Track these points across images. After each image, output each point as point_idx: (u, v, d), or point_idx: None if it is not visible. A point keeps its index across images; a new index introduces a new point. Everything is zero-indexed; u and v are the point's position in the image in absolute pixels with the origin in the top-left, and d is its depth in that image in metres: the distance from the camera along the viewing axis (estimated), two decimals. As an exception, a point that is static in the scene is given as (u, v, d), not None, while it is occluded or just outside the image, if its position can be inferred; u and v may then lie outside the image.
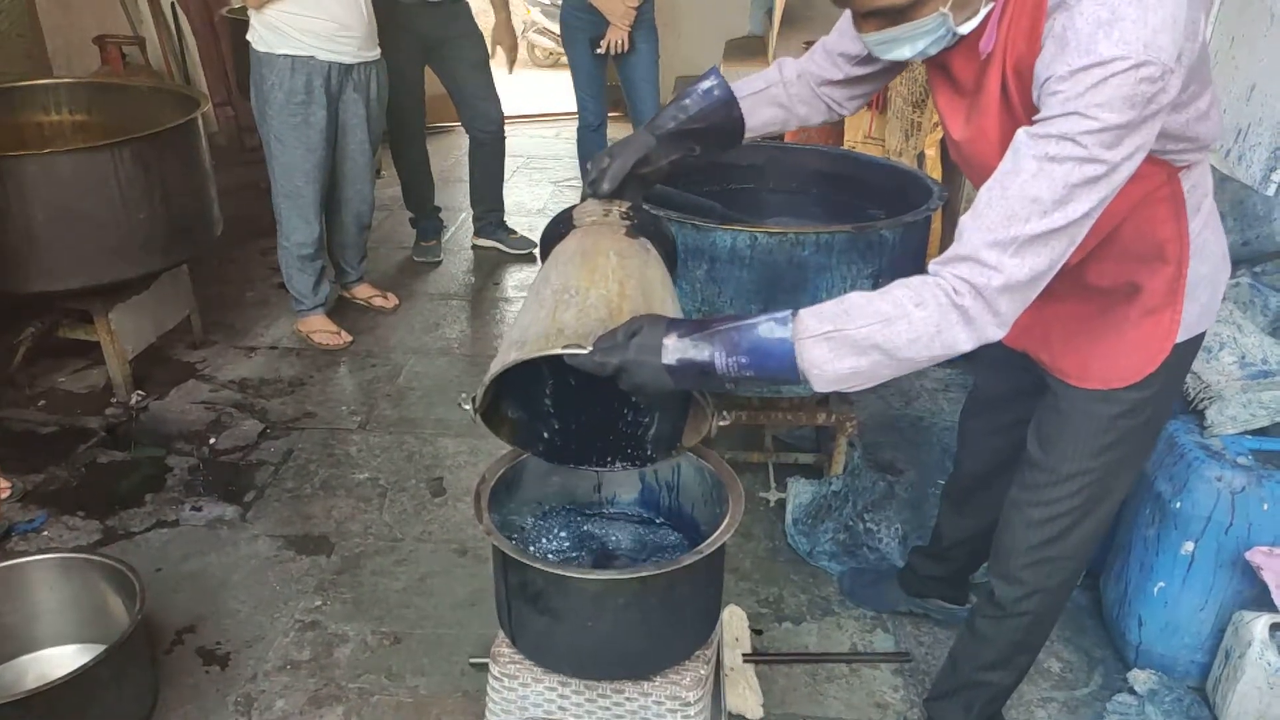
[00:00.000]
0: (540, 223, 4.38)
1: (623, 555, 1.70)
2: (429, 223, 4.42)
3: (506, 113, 4.18)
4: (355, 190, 3.56)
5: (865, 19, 1.26)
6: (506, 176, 4.45)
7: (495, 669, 1.56)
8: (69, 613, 2.11)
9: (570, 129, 5.16)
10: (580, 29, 4.05)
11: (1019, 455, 1.69)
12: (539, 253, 1.64)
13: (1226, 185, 2.33)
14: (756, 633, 2.21)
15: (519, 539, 1.68)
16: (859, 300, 1.19)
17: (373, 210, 3.71)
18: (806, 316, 1.20)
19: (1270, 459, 1.99)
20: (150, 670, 2.08)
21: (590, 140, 4.36)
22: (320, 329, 3.60)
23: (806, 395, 2.61)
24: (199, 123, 3.11)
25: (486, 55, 4.07)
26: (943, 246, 2.98)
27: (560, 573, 1.44)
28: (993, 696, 1.90)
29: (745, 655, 1.91)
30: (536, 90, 7.72)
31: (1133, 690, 2.09)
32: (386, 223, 4.75)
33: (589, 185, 1.52)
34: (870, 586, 2.38)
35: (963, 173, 1.75)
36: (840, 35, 1.55)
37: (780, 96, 1.61)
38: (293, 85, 3.16)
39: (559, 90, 6.89)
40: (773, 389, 2.51)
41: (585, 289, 1.34)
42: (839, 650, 2.25)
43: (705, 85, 1.54)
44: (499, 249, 4.48)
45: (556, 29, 5.03)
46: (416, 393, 3.33)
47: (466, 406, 1.41)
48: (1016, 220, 1.13)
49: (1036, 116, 1.15)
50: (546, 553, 1.67)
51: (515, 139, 5.41)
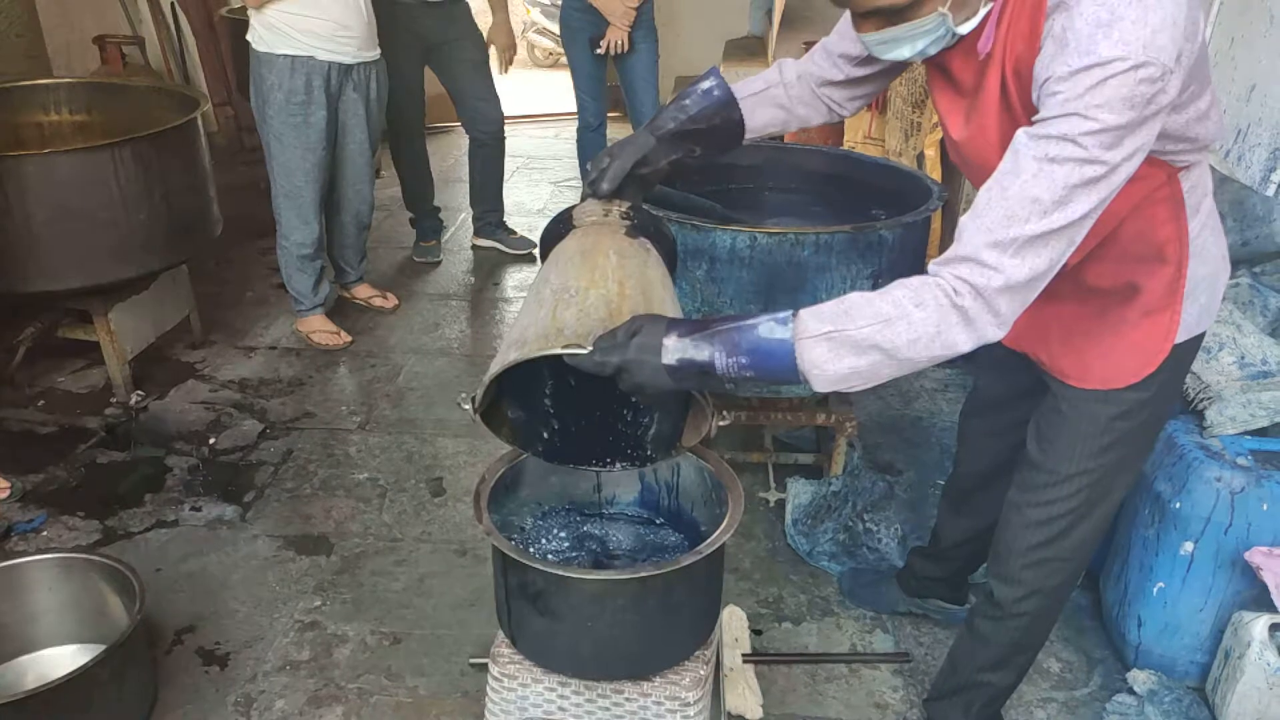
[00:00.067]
0: (540, 223, 4.39)
1: (622, 555, 1.70)
2: (429, 223, 4.41)
3: (506, 113, 4.18)
4: (355, 190, 3.56)
5: (864, 19, 1.26)
6: (506, 177, 4.44)
7: (495, 669, 1.56)
8: (68, 613, 2.11)
9: (570, 129, 5.16)
10: (580, 29, 4.05)
11: (1018, 456, 1.69)
12: (539, 253, 1.64)
13: (1226, 185, 2.33)
14: (756, 633, 2.21)
15: (519, 539, 1.68)
16: (859, 301, 1.19)
17: (372, 210, 3.71)
18: (806, 317, 1.20)
19: (1270, 459, 1.99)
20: (150, 670, 2.08)
21: (590, 140, 4.36)
22: (320, 329, 3.60)
23: (806, 395, 2.61)
24: (199, 123, 3.11)
25: (486, 56, 4.07)
26: (943, 246, 2.98)
27: (560, 573, 1.44)
28: (992, 697, 1.90)
29: (745, 655, 1.92)
30: (536, 90, 7.73)
31: (1132, 690, 2.09)
32: (386, 223, 4.75)
33: (589, 185, 1.52)
34: (870, 587, 2.38)
35: (962, 173, 1.75)
36: (840, 36, 1.56)
37: (780, 97, 1.61)
38: (292, 85, 3.15)
39: (559, 90, 6.89)
40: (772, 389, 2.51)
41: (585, 289, 1.34)
42: (838, 651, 2.25)
43: (705, 85, 1.54)
44: (499, 249, 4.48)
45: (556, 29, 5.03)
46: (416, 393, 3.33)
47: (466, 406, 1.41)
48: (1016, 221, 1.13)
49: (1036, 117, 1.15)
50: (546, 553, 1.67)
51: (515, 139, 5.41)
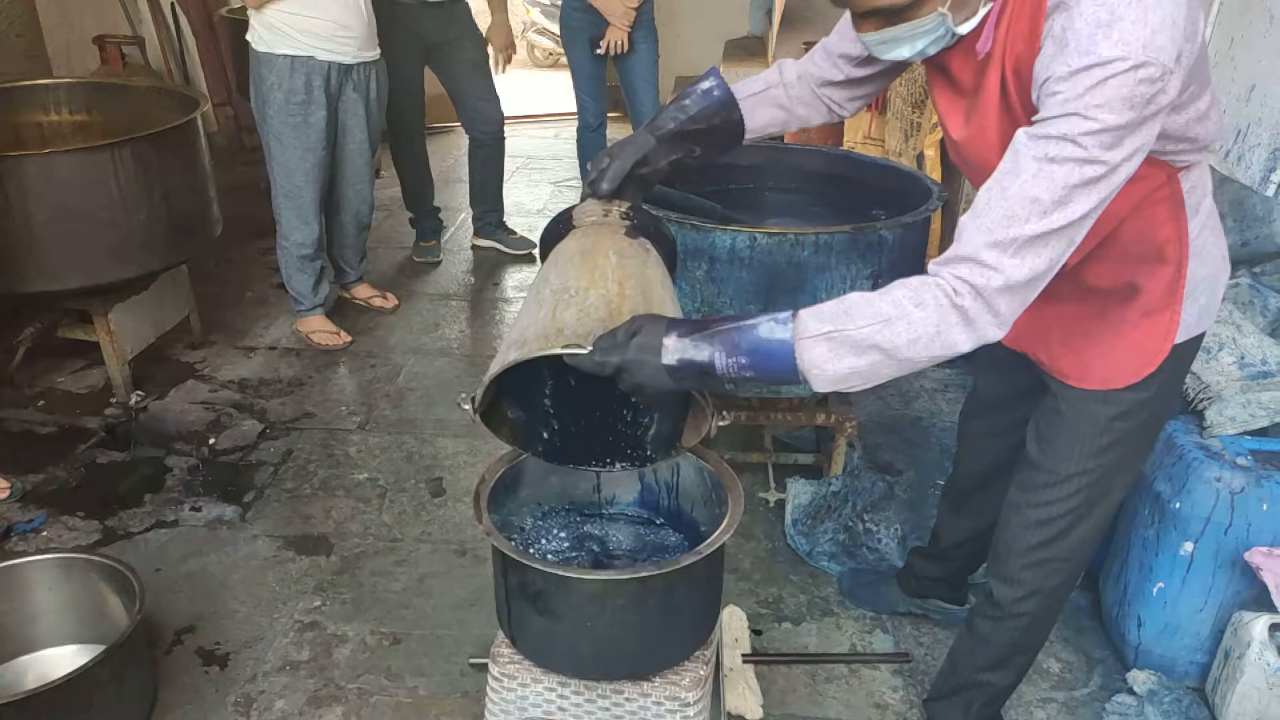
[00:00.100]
0: (540, 223, 4.38)
1: (622, 556, 1.70)
2: (428, 223, 4.41)
3: (506, 113, 4.18)
4: (355, 190, 3.56)
5: (864, 19, 1.26)
6: (506, 177, 4.44)
7: (495, 669, 1.56)
8: (68, 613, 2.11)
9: (570, 129, 5.16)
10: (580, 29, 4.05)
11: (1018, 456, 1.69)
12: (539, 253, 1.64)
13: (1226, 186, 2.33)
14: (756, 633, 2.21)
15: (519, 539, 1.68)
16: (859, 301, 1.19)
17: (372, 210, 3.71)
18: (806, 317, 1.20)
19: (1269, 459, 1.99)
20: (150, 671, 2.08)
21: (590, 140, 4.36)
22: (320, 329, 3.60)
23: (806, 395, 2.61)
24: (198, 123, 3.11)
25: (486, 56, 4.08)
26: (943, 246, 2.98)
27: (560, 573, 1.44)
28: (992, 697, 1.90)
29: (745, 656, 1.91)
30: (536, 90, 7.73)
31: (1132, 691, 2.09)
32: (386, 223, 4.75)
33: (589, 185, 1.52)
34: (870, 587, 2.38)
35: (962, 173, 1.75)
36: (840, 37, 1.56)
37: (780, 98, 1.61)
38: (292, 85, 3.15)
39: (559, 90, 6.89)
40: (772, 389, 2.51)
41: (585, 289, 1.34)
42: (838, 651, 2.25)
43: (705, 86, 1.54)
44: (499, 249, 4.48)
45: (556, 29, 5.03)
46: (416, 393, 3.33)
47: (466, 407, 1.41)
48: (1016, 221, 1.13)
49: (1036, 117, 1.15)
50: (546, 553, 1.67)
51: (515, 139, 5.40)
